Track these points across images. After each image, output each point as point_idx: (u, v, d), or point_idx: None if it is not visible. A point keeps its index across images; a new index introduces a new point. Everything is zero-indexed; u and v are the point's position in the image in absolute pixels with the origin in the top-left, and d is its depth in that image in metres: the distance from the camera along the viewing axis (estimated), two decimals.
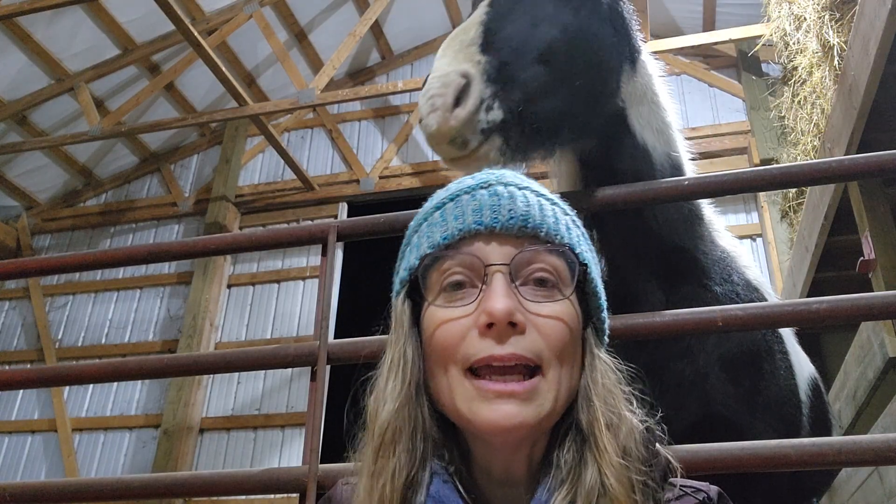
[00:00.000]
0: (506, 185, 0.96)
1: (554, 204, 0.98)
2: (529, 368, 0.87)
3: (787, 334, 2.13)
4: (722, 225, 2.18)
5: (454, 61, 1.60)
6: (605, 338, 0.99)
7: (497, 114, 1.61)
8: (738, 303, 1.93)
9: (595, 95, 1.80)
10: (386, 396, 0.92)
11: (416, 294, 0.95)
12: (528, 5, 1.75)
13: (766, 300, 2.07)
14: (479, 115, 1.59)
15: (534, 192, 0.97)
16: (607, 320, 1.00)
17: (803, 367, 2.17)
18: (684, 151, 2.11)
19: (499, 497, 0.92)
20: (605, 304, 0.99)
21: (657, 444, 0.93)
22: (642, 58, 2.00)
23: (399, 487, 0.87)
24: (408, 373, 0.92)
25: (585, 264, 0.94)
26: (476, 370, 0.87)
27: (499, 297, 0.86)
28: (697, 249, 1.96)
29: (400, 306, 0.97)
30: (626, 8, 1.95)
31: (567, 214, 0.99)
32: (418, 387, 0.92)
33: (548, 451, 0.91)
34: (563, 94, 1.72)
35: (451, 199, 0.97)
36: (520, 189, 0.96)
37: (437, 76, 1.58)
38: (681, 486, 0.92)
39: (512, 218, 0.91)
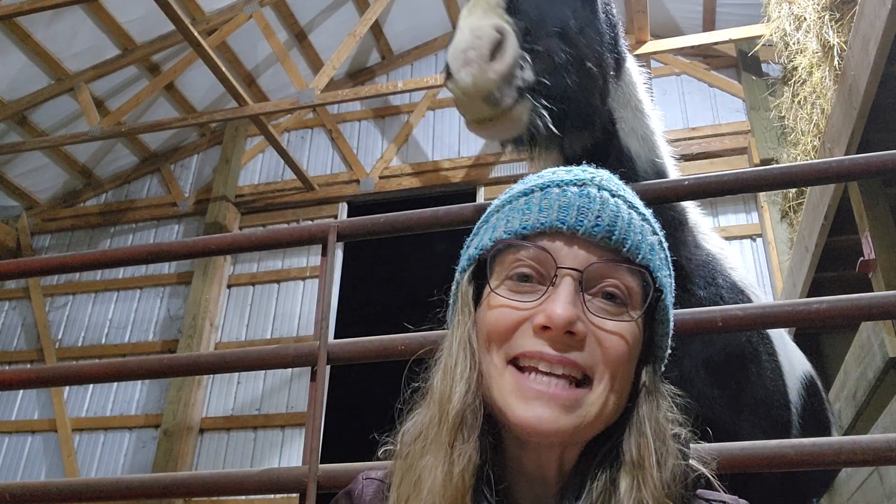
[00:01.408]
0: (599, 187, 0.92)
1: (644, 220, 0.93)
2: (576, 380, 0.85)
3: (778, 335, 2.13)
4: (708, 226, 2.18)
5: (484, 17, 1.52)
6: (663, 366, 0.97)
7: (529, 74, 1.54)
8: (722, 305, 1.92)
9: (595, 88, 1.78)
10: (456, 377, 0.89)
11: (481, 275, 0.93)
12: None
13: (751, 301, 2.07)
14: (516, 71, 1.51)
15: (626, 202, 0.92)
16: (668, 350, 0.97)
17: (795, 366, 2.17)
18: (668, 157, 2.10)
19: (526, 494, 0.91)
20: (670, 332, 0.95)
21: (689, 456, 0.91)
22: (627, 64, 2.00)
23: (473, 475, 0.86)
24: (474, 357, 0.89)
25: (661, 290, 0.91)
26: (519, 364, 0.85)
27: (562, 303, 0.83)
28: (680, 255, 1.94)
29: (465, 286, 0.94)
30: (615, 13, 1.96)
31: (655, 234, 0.94)
32: (480, 371, 0.89)
33: (580, 465, 0.89)
34: (574, 75, 1.67)
35: (541, 189, 0.92)
36: (613, 196, 0.91)
37: (469, 28, 1.49)
38: (709, 499, 0.90)
39: (597, 225, 0.87)
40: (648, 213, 0.96)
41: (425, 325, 1.06)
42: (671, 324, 0.95)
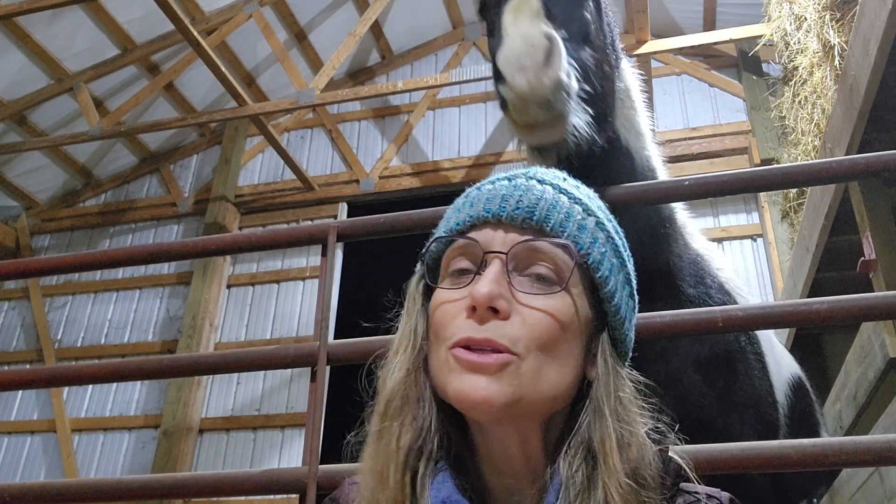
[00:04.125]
0: (529, 178, 0.96)
1: (576, 202, 0.95)
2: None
3: (766, 336, 2.14)
4: (696, 228, 2.20)
5: (532, 24, 1.58)
6: (624, 346, 0.96)
7: (573, 80, 1.61)
8: (711, 305, 1.94)
9: (612, 91, 1.84)
10: (394, 367, 0.94)
11: (432, 277, 0.98)
12: None
13: (736, 303, 2.07)
14: (565, 78, 1.58)
15: (556, 187, 0.96)
16: (630, 334, 0.97)
17: (782, 367, 2.18)
18: (657, 155, 2.14)
19: (498, 485, 0.92)
20: (624, 315, 0.95)
21: (669, 451, 0.91)
22: (622, 65, 2.03)
23: (404, 448, 0.89)
24: (416, 346, 0.94)
25: (587, 263, 0.92)
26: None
27: (485, 283, 0.86)
28: (672, 253, 1.97)
29: (414, 286, 1.00)
30: (612, 14, 2.01)
31: (591, 215, 0.95)
32: (424, 361, 0.94)
33: (551, 455, 0.90)
34: (600, 80, 1.75)
35: (478, 189, 0.98)
36: (542, 184, 0.95)
37: (521, 35, 1.55)
38: (692, 492, 0.90)
39: (518, 208, 0.91)
40: (587, 199, 0.97)
41: None
42: (620, 305, 0.95)
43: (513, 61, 1.53)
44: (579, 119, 1.65)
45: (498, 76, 1.60)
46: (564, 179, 0.99)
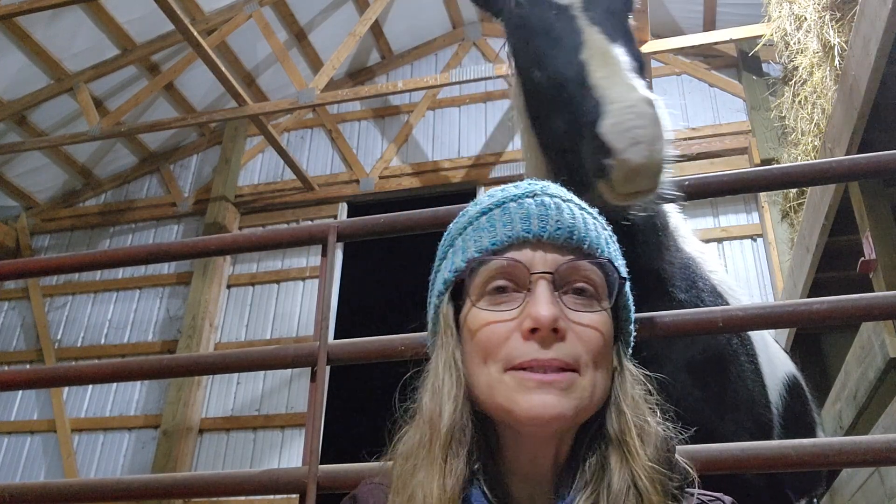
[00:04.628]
0: (551, 196, 1.00)
1: (595, 219, 1.02)
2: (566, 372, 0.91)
3: (759, 337, 2.14)
4: (688, 230, 2.19)
5: (631, 88, 1.54)
6: (630, 349, 1.04)
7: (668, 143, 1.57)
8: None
9: None
10: (445, 397, 0.95)
11: (458, 295, 1.00)
12: (614, 22, 1.73)
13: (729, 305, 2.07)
14: (670, 147, 1.55)
15: (576, 205, 1.01)
16: (633, 333, 1.04)
17: (776, 367, 2.18)
18: None
19: (522, 492, 0.95)
20: (633, 317, 1.03)
21: (676, 454, 0.96)
22: None
23: (461, 484, 0.91)
24: (460, 374, 0.96)
25: (624, 279, 0.98)
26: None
27: (544, 304, 0.90)
28: (663, 259, 1.96)
29: (445, 308, 1.00)
30: None
31: (605, 230, 1.02)
32: (467, 388, 0.96)
33: (573, 452, 0.95)
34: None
35: (498, 206, 1.00)
36: (564, 201, 1.00)
37: (627, 104, 1.51)
38: (696, 495, 0.95)
39: (559, 229, 0.95)
40: (595, 212, 1.05)
41: (425, 325, 1.08)
42: (633, 309, 1.04)
43: (626, 135, 1.48)
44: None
45: (597, 146, 1.52)
46: (571, 194, 1.04)
